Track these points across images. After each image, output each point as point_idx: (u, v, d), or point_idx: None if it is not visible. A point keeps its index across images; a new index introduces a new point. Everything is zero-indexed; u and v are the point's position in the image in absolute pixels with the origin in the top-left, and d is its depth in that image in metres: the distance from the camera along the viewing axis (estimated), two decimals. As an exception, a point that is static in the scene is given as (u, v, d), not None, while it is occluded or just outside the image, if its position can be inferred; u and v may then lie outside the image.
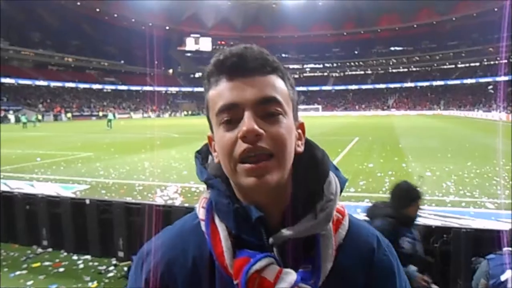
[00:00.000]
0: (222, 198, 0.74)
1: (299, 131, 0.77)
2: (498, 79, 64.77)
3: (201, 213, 0.78)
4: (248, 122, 0.67)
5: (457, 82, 74.77)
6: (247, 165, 0.67)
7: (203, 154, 0.83)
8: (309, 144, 0.79)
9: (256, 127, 0.67)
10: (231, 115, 0.70)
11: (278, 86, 0.72)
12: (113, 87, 73.97)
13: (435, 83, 77.71)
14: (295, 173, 0.75)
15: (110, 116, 34.65)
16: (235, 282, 0.69)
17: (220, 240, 0.72)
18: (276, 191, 0.71)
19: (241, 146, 0.67)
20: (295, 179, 0.75)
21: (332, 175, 0.78)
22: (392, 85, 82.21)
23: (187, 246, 0.76)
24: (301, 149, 0.76)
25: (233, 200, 0.73)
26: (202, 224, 0.76)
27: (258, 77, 0.70)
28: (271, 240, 0.71)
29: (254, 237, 0.71)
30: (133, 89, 76.63)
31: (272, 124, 0.69)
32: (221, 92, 0.71)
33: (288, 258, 0.72)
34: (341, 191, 0.78)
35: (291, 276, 0.68)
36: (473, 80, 71.87)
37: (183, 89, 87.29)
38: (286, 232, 0.70)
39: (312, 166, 0.76)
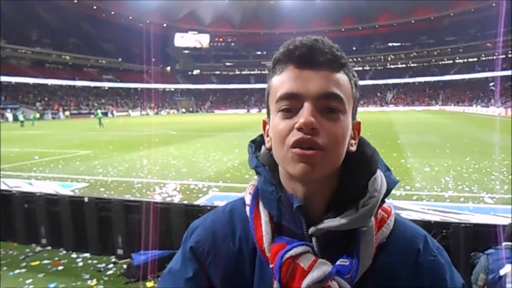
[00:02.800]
0: (267, 186, 0.76)
1: (355, 130, 0.78)
2: (496, 74, 64.87)
3: (247, 198, 0.81)
4: (306, 114, 0.68)
5: (455, 77, 74.74)
6: (298, 150, 0.68)
7: (256, 144, 0.86)
8: (361, 142, 0.80)
9: (313, 120, 0.67)
10: (290, 104, 0.70)
11: (343, 83, 0.72)
12: (111, 84, 73.79)
13: (433, 78, 77.67)
14: (343, 168, 0.75)
15: (100, 114, 34.51)
16: (271, 266, 0.71)
17: (261, 224, 0.75)
18: (320, 183, 0.73)
19: (295, 135, 0.68)
20: (342, 174, 0.75)
21: (379, 173, 0.77)
22: (390, 81, 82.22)
23: (235, 227, 0.80)
24: (353, 148, 0.77)
25: (277, 188, 0.75)
26: (247, 208, 0.79)
27: (325, 71, 0.71)
28: (310, 230, 0.72)
29: (294, 225, 0.73)
30: (131, 87, 76.47)
31: (330, 121, 0.70)
32: (285, 80, 0.72)
33: (326, 250, 0.72)
34: (389, 192, 0.76)
35: (326, 266, 0.69)
36: (471, 76, 71.90)
37: (181, 86, 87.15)
38: (326, 223, 0.71)
39: (361, 163, 0.76)
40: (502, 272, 2.72)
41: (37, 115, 41.85)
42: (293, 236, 0.72)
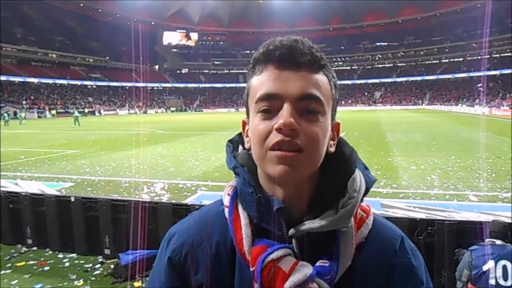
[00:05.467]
0: (247, 187, 0.75)
1: (334, 132, 0.77)
2: (481, 74, 65.90)
3: (226, 200, 0.80)
4: (286, 115, 0.67)
5: (442, 77, 75.78)
6: (278, 152, 0.68)
7: (234, 144, 0.85)
8: (339, 142, 0.80)
9: (293, 121, 0.67)
10: (270, 105, 0.70)
11: (322, 84, 0.72)
12: (98, 83, 73.01)
13: (420, 78, 78.62)
14: (322, 169, 0.74)
15: (76, 113, 34.07)
16: (251, 269, 0.70)
17: (240, 227, 0.73)
18: (300, 185, 0.72)
19: (276, 137, 0.68)
20: (321, 175, 0.75)
21: (358, 173, 0.77)
22: (378, 80, 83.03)
23: (212, 230, 0.78)
24: (332, 149, 0.77)
25: (257, 190, 0.74)
26: (226, 210, 0.78)
27: (304, 72, 0.71)
28: (290, 231, 0.71)
29: (274, 227, 0.72)
30: (119, 85, 75.80)
31: (309, 122, 0.69)
32: (265, 81, 0.71)
33: (306, 251, 0.72)
34: (367, 191, 0.76)
35: (306, 269, 0.68)
36: (457, 75, 72.93)
37: (170, 85, 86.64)
38: (306, 225, 0.70)
39: (340, 163, 0.76)
40: (485, 268, 2.78)
41: (23, 114, 41.06)
42: (273, 237, 0.71)
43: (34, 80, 60.93)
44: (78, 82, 68.87)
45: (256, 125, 0.71)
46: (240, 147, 0.84)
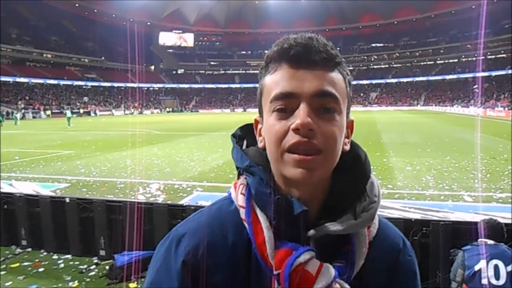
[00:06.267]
0: (264, 188, 0.73)
1: (348, 129, 0.77)
2: (475, 75, 66.30)
3: (240, 200, 0.76)
4: (303, 115, 0.66)
5: (437, 78, 76.15)
6: (296, 156, 0.67)
7: (238, 139, 0.83)
8: (353, 143, 0.80)
9: (311, 121, 0.66)
10: (285, 104, 0.69)
11: (338, 82, 0.72)
12: (94, 83, 72.72)
13: (415, 79, 78.94)
14: (337, 170, 0.74)
15: (69, 114, 33.91)
16: (275, 273, 0.68)
17: (261, 229, 0.71)
18: (316, 186, 0.72)
19: (293, 138, 0.67)
20: (336, 176, 0.74)
21: (373, 177, 0.78)
22: (373, 81, 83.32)
23: (226, 231, 0.75)
24: (347, 147, 0.76)
25: (275, 191, 0.72)
26: (242, 211, 0.75)
27: (320, 70, 0.70)
28: (310, 233, 0.71)
29: (293, 229, 0.71)
30: (115, 86, 75.53)
31: (326, 120, 0.69)
32: (280, 79, 0.70)
33: (323, 251, 0.71)
34: None
35: (331, 271, 0.69)
36: (452, 76, 73.31)
37: (165, 85, 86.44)
38: (330, 227, 0.70)
39: (355, 165, 0.76)
40: (477, 267, 2.79)
41: (18, 115, 40.83)
42: (291, 239, 0.71)
43: (29, 80, 60.58)
44: (74, 83, 68.55)
45: (271, 125, 0.70)
46: (244, 143, 0.83)
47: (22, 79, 59.40)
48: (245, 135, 0.84)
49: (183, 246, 0.75)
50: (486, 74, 63.39)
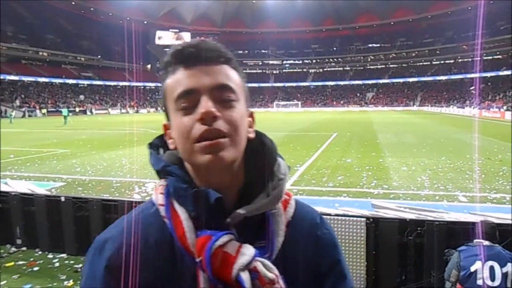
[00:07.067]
0: (180, 183, 0.77)
1: (250, 119, 0.83)
2: (471, 76, 66.59)
3: (159, 199, 0.80)
4: (205, 104, 0.72)
5: (433, 78, 76.47)
6: (203, 143, 0.72)
7: (154, 147, 0.87)
8: (259, 132, 0.85)
9: (213, 109, 0.72)
10: (188, 100, 0.74)
11: (232, 75, 0.78)
12: (90, 82, 72.40)
13: (411, 79, 79.24)
14: (246, 158, 0.80)
15: (65, 112, 33.69)
16: (197, 260, 0.71)
17: (180, 222, 0.75)
18: (230, 172, 0.77)
19: (199, 129, 0.72)
20: (247, 163, 0.81)
21: (280, 159, 0.84)
22: (370, 81, 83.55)
23: (148, 231, 0.78)
24: (252, 135, 0.82)
25: (191, 184, 0.76)
26: (161, 209, 0.79)
27: (214, 66, 0.76)
28: (228, 219, 0.75)
29: (212, 217, 0.74)
30: (111, 84, 75.23)
31: (227, 108, 0.74)
32: (179, 79, 0.75)
33: (244, 235, 0.76)
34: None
35: (250, 250, 0.73)
36: (448, 77, 73.62)
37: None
38: (242, 211, 0.74)
39: (262, 150, 0.83)
40: (472, 268, 2.81)
41: (13, 113, 40.61)
42: (212, 228, 0.74)
43: (25, 78, 60.20)
44: (70, 81, 68.21)
45: (179, 123, 0.75)
46: (161, 150, 0.86)
47: (17, 77, 59.02)
48: (163, 144, 0.87)
49: (106, 252, 0.77)
50: (482, 75, 63.73)
